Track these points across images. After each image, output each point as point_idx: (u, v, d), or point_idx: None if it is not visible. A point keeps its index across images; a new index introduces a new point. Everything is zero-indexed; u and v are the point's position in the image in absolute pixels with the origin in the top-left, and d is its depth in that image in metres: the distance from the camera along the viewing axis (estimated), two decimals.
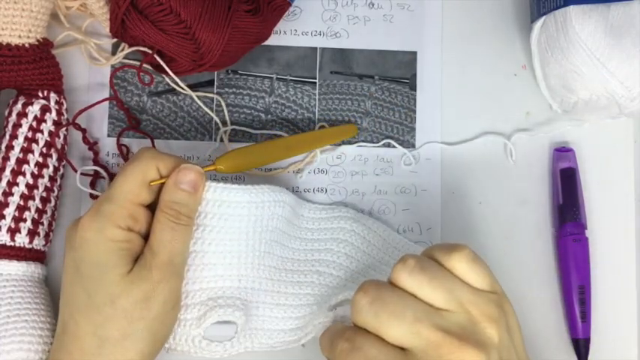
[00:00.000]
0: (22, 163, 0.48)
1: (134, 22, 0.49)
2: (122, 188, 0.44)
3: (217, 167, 0.48)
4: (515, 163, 0.56)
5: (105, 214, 0.43)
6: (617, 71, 0.49)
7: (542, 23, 0.53)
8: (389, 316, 0.39)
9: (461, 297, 0.39)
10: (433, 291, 0.39)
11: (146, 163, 0.45)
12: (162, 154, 0.46)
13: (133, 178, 0.44)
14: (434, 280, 0.40)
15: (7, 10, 0.48)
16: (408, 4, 0.56)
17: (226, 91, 0.55)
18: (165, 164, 0.46)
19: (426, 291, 0.40)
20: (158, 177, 0.45)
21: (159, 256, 0.44)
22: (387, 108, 0.55)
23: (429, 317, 0.39)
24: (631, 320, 0.55)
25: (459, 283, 0.40)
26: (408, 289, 0.40)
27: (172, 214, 0.45)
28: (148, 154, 0.46)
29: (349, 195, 0.54)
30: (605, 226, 0.55)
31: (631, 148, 0.56)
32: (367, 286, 0.40)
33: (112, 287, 0.43)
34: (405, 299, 0.39)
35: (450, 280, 0.40)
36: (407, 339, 0.38)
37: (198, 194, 0.46)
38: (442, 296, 0.39)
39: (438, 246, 0.42)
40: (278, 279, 0.49)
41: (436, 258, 0.41)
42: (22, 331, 0.46)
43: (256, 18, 0.51)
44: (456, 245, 0.41)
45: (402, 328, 0.38)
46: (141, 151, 0.46)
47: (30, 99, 0.49)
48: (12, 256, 0.48)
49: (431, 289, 0.39)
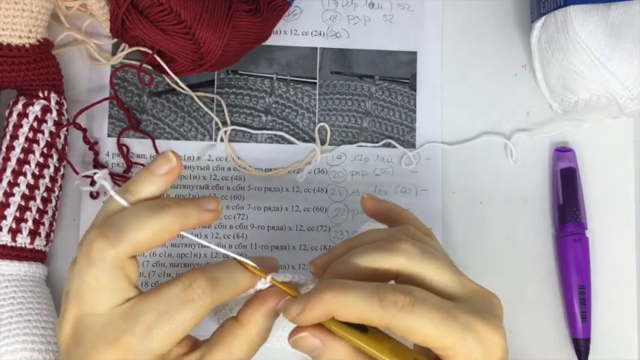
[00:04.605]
0: (23, 163, 0.49)
1: (134, 23, 0.49)
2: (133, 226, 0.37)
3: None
4: (515, 163, 0.56)
5: (121, 235, 0.37)
6: (617, 71, 0.49)
7: (542, 23, 0.53)
8: (441, 266, 0.37)
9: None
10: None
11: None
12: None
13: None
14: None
15: (7, 11, 0.48)
16: (408, 4, 0.56)
17: (226, 91, 0.55)
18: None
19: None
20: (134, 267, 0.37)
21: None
22: (387, 108, 0.55)
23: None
24: (631, 320, 0.55)
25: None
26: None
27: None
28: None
29: (349, 195, 0.54)
30: (605, 226, 0.55)
31: (631, 148, 0.56)
32: (407, 237, 0.38)
33: (106, 313, 0.37)
34: (443, 253, 0.39)
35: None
36: (456, 288, 0.37)
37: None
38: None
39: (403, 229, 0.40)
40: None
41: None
42: (25, 331, 0.46)
43: (256, 18, 0.51)
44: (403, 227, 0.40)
45: (453, 277, 0.37)
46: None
47: (30, 99, 0.49)
48: (13, 256, 0.48)
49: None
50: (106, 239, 0.36)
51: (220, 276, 0.37)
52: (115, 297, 0.36)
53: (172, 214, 0.37)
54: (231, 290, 0.37)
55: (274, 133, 0.54)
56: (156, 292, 0.36)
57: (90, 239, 0.36)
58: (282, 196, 0.54)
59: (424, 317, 0.35)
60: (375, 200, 0.43)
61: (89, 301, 0.36)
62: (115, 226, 0.36)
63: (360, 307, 0.35)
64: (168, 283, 0.36)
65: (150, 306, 0.36)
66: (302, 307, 0.35)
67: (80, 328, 0.36)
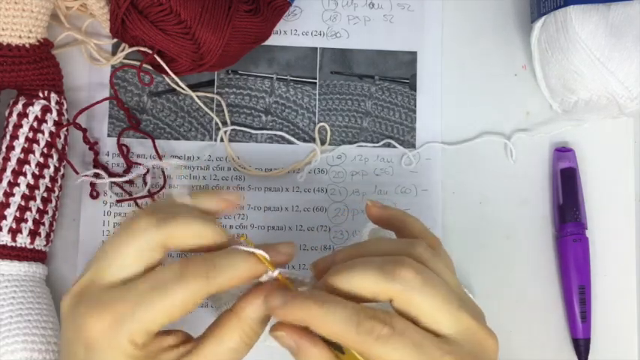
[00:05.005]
0: (23, 163, 0.49)
1: (134, 23, 0.49)
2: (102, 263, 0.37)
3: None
4: (515, 163, 0.56)
5: (122, 319, 0.36)
6: (617, 71, 0.49)
7: (542, 23, 0.53)
8: (440, 300, 0.35)
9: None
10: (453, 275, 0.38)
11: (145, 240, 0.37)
12: (170, 221, 0.37)
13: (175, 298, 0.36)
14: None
15: (7, 11, 0.48)
16: (408, 4, 0.56)
17: (226, 91, 0.55)
18: (175, 237, 0.37)
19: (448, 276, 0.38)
20: (159, 257, 0.37)
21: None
22: (387, 108, 0.55)
23: (465, 304, 0.37)
24: (631, 320, 0.55)
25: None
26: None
27: (247, 331, 0.37)
28: (145, 223, 0.37)
29: (349, 195, 0.54)
30: (605, 226, 0.55)
31: (631, 148, 0.56)
32: (412, 262, 0.36)
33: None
34: (448, 284, 0.37)
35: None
36: (450, 326, 0.35)
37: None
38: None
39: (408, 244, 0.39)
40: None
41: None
42: (25, 331, 0.46)
43: (256, 18, 0.51)
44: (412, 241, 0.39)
45: (450, 313, 0.35)
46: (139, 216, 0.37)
47: (30, 99, 0.49)
48: (13, 256, 0.48)
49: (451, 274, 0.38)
50: (154, 218, 0.36)
51: (220, 261, 0.36)
52: (132, 269, 0.36)
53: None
54: (230, 276, 0.36)
55: (274, 133, 0.54)
56: (155, 269, 0.36)
57: (137, 214, 0.37)
58: (282, 196, 0.54)
59: (397, 351, 0.34)
60: (379, 208, 0.43)
61: (107, 267, 0.36)
62: (168, 214, 0.37)
63: (336, 326, 0.34)
64: (168, 264, 0.37)
65: (146, 278, 0.36)
66: (283, 302, 0.35)
67: (83, 293, 0.36)
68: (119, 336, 0.35)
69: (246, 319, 0.37)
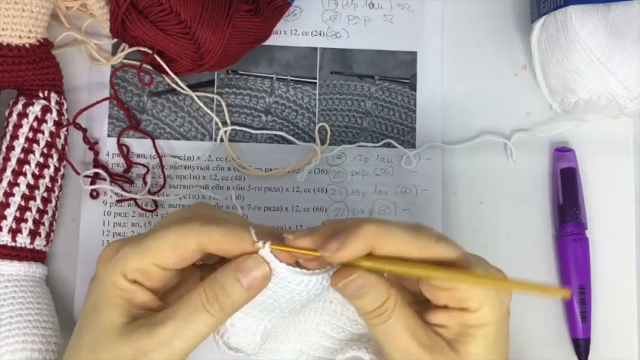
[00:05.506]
0: (23, 163, 0.49)
1: (134, 23, 0.49)
2: (150, 244, 0.39)
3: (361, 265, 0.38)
4: (515, 163, 0.56)
5: (119, 257, 0.39)
6: (617, 71, 0.50)
7: (542, 23, 0.53)
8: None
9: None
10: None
11: (184, 235, 0.38)
12: (212, 226, 0.38)
13: (164, 243, 0.38)
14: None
15: (7, 11, 0.48)
16: (408, 4, 0.56)
17: (226, 91, 0.55)
18: (212, 240, 0.38)
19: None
20: (194, 252, 0.39)
21: (163, 328, 0.38)
22: (387, 108, 0.55)
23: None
24: (631, 320, 0.55)
25: None
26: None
27: (210, 296, 0.38)
28: (193, 226, 0.38)
29: (349, 195, 0.55)
30: (605, 226, 0.55)
31: (631, 148, 0.56)
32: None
33: (96, 332, 0.39)
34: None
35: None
36: (491, 306, 0.39)
37: (252, 294, 0.38)
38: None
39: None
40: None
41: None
42: (25, 331, 0.46)
43: (256, 18, 0.51)
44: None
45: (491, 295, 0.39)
46: (191, 219, 0.39)
47: (30, 99, 0.49)
48: (13, 256, 0.48)
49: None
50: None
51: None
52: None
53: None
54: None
55: (274, 133, 0.54)
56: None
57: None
58: (282, 196, 0.54)
59: (450, 248, 0.38)
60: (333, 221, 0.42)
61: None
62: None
63: (403, 236, 0.37)
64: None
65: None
66: (340, 243, 0.36)
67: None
68: (115, 269, 0.39)
69: (221, 288, 0.39)
